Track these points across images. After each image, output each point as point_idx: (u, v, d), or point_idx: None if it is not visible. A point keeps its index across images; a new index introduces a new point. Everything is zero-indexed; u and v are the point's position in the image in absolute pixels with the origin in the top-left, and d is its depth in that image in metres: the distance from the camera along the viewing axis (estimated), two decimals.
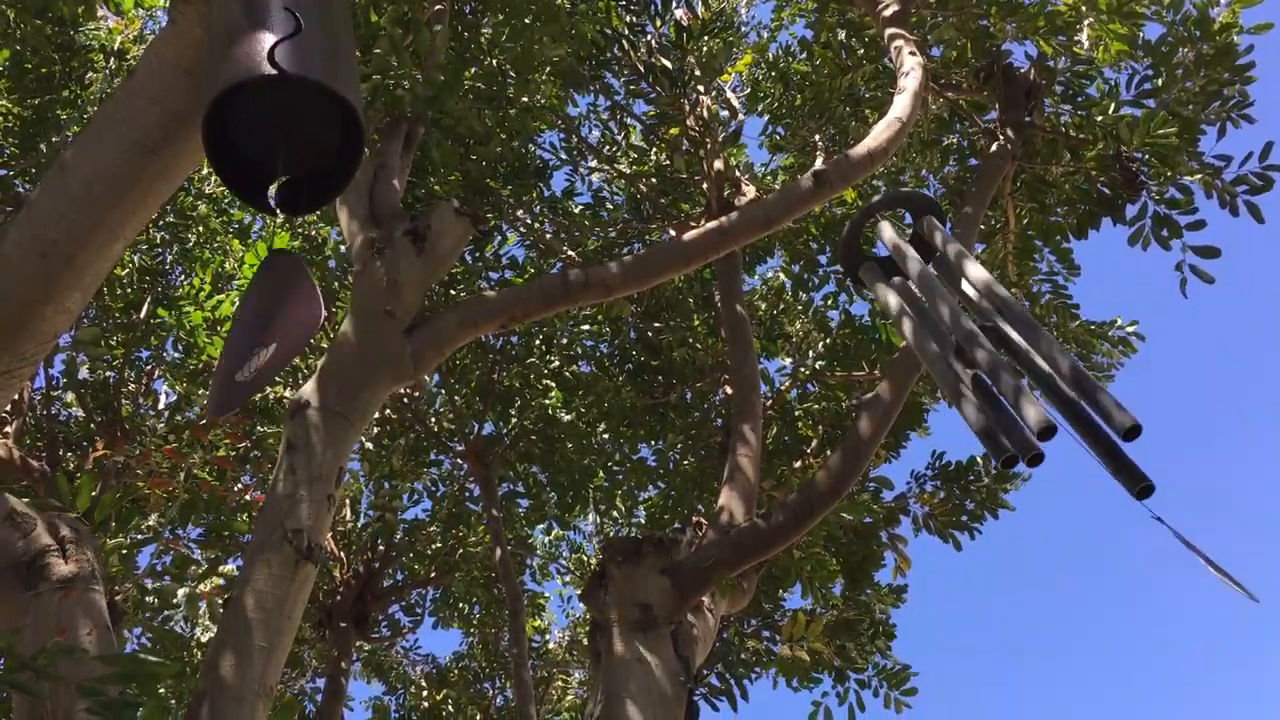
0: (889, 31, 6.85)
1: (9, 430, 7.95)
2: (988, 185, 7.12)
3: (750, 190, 8.21)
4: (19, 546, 3.51)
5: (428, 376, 8.53)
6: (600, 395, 8.64)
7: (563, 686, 11.96)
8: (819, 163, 7.35)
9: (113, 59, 8.16)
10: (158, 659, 3.14)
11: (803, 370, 8.95)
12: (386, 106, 5.54)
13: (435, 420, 9.28)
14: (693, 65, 8.12)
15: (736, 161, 8.91)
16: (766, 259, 9.29)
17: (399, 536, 9.79)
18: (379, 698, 11.19)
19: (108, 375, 8.76)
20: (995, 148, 7.29)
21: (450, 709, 10.87)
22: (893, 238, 3.98)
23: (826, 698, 8.04)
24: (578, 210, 8.74)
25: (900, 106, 5.99)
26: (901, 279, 3.89)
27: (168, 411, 8.97)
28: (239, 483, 8.11)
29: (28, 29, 7.04)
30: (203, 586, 5.47)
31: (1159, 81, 7.07)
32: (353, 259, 4.82)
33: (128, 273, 8.73)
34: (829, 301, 9.18)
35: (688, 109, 8.14)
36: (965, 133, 8.16)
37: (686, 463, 8.95)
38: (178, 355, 8.94)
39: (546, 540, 11.49)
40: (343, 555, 9.58)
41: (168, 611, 7.59)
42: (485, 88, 6.60)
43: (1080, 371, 3.16)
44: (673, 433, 8.85)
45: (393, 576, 9.98)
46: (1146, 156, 7.04)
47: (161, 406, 9.08)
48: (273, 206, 2.24)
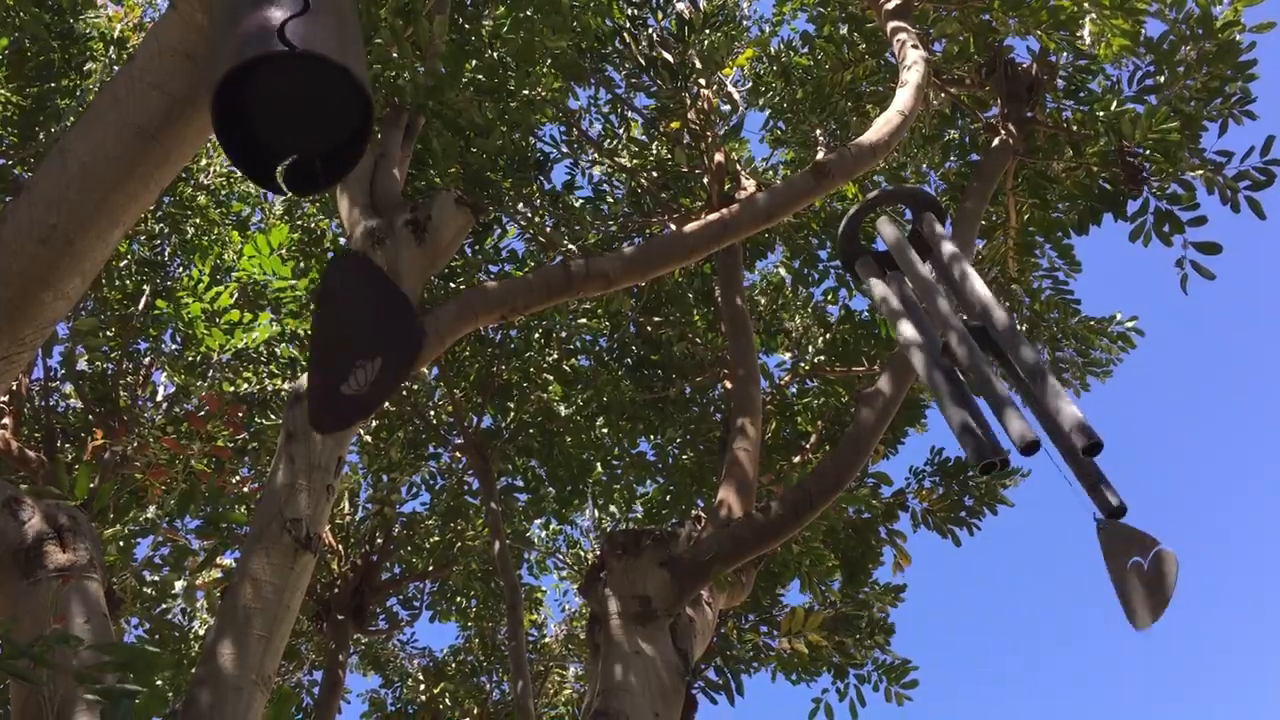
0: (891, 25, 6.83)
1: (7, 421, 7.94)
2: (989, 180, 7.10)
3: (750, 184, 8.20)
4: (17, 534, 3.51)
5: (426, 369, 8.52)
6: (599, 389, 8.62)
7: (559, 680, 11.96)
8: (820, 156, 7.34)
9: (112, 47, 8.14)
10: (155, 649, 3.14)
11: (802, 365, 8.94)
12: (387, 97, 5.53)
13: (434, 413, 9.27)
14: (694, 59, 8.10)
15: (737, 156, 8.90)
16: (767, 254, 9.28)
17: (397, 530, 9.79)
18: (376, 691, 11.19)
19: (106, 366, 8.75)
20: (997, 143, 7.27)
21: (447, 702, 10.87)
22: (892, 234, 3.99)
23: (827, 693, 8.06)
24: (578, 204, 8.73)
25: (902, 100, 5.98)
26: (897, 275, 3.90)
27: (166, 403, 8.96)
28: (237, 474, 8.10)
29: (27, 17, 7.02)
30: (200, 578, 5.46)
31: (1161, 78, 7.06)
32: (352, 249, 4.80)
33: (126, 264, 8.72)
34: (829, 297, 9.18)
35: (689, 102, 8.13)
36: (967, 128, 8.14)
37: (686, 457, 8.93)
38: (176, 347, 8.93)
39: (544, 535, 11.49)
40: (341, 548, 9.58)
41: (165, 604, 7.60)
42: (486, 79, 6.59)
43: (1055, 390, 3.19)
44: (672, 427, 8.83)
45: (390, 569, 9.97)
46: (1148, 152, 7.03)
47: (160, 398, 9.08)
48: (281, 186, 2.22)
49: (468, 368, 8.83)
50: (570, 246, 8.19)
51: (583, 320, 8.97)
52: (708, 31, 8.34)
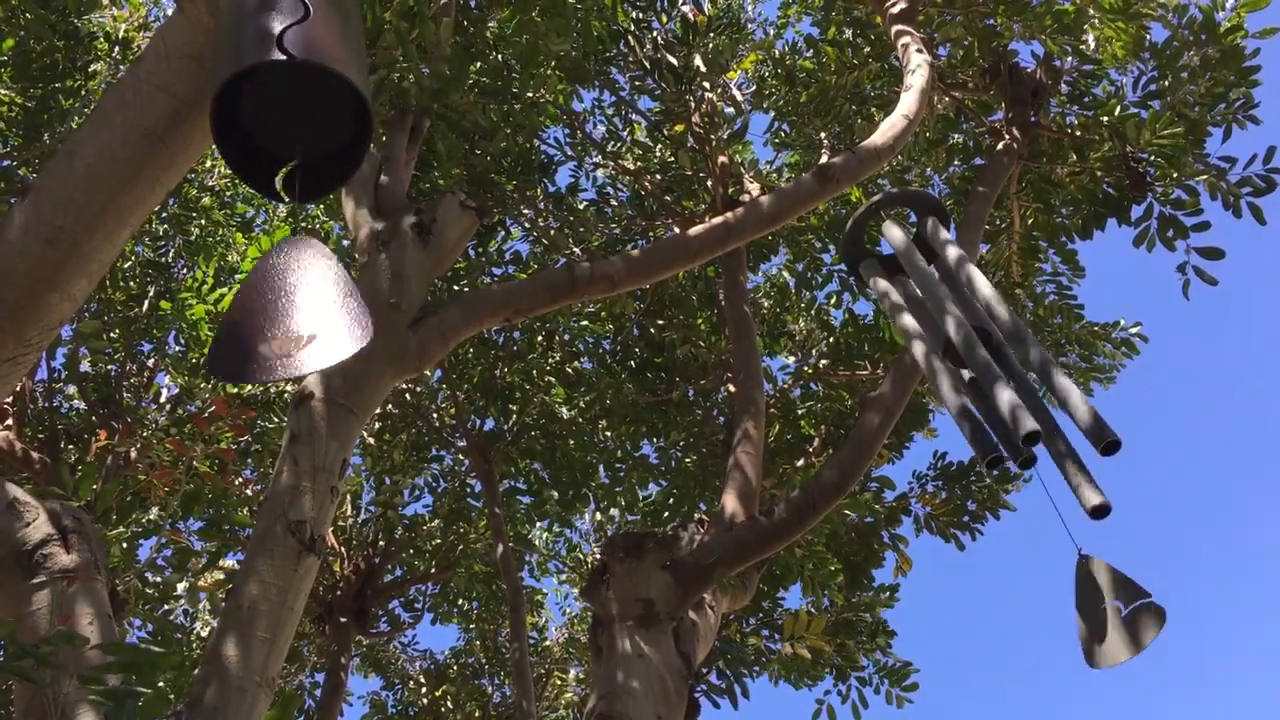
0: (896, 29, 6.84)
1: (11, 422, 7.95)
2: (993, 185, 7.11)
3: (755, 188, 8.20)
4: (21, 535, 3.50)
5: (429, 371, 8.52)
6: (602, 392, 8.61)
7: (560, 684, 11.95)
8: (824, 160, 7.34)
9: (117, 48, 8.14)
10: (159, 649, 3.14)
11: (806, 369, 8.94)
12: (392, 99, 5.54)
13: (437, 416, 9.27)
14: (698, 62, 8.10)
15: (742, 159, 8.90)
16: (770, 257, 9.28)
17: (399, 532, 9.78)
18: (377, 693, 11.18)
19: (109, 368, 8.75)
20: (1001, 147, 7.27)
21: (448, 705, 10.86)
22: (897, 236, 3.99)
23: (829, 696, 8.06)
24: (582, 206, 8.73)
25: (907, 104, 5.98)
26: (901, 277, 3.90)
27: (169, 404, 8.96)
28: (240, 476, 8.10)
29: (31, 17, 7.02)
30: (203, 579, 5.46)
31: (1164, 83, 7.06)
32: (357, 251, 4.81)
33: (130, 265, 8.72)
34: (832, 300, 9.17)
35: (693, 105, 8.13)
36: (971, 132, 8.14)
37: (688, 460, 8.92)
38: (180, 348, 8.93)
39: (545, 538, 11.47)
40: (343, 550, 9.58)
41: (167, 606, 7.60)
42: (490, 82, 6.59)
43: (1068, 388, 3.18)
44: (675, 430, 8.82)
45: (393, 572, 9.97)
46: (1152, 157, 7.03)
47: (163, 399, 9.08)
48: (279, 193, 2.21)
49: (471, 370, 8.83)
50: (574, 249, 8.19)
51: (586, 323, 8.97)
52: (712, 34, 8.34)
